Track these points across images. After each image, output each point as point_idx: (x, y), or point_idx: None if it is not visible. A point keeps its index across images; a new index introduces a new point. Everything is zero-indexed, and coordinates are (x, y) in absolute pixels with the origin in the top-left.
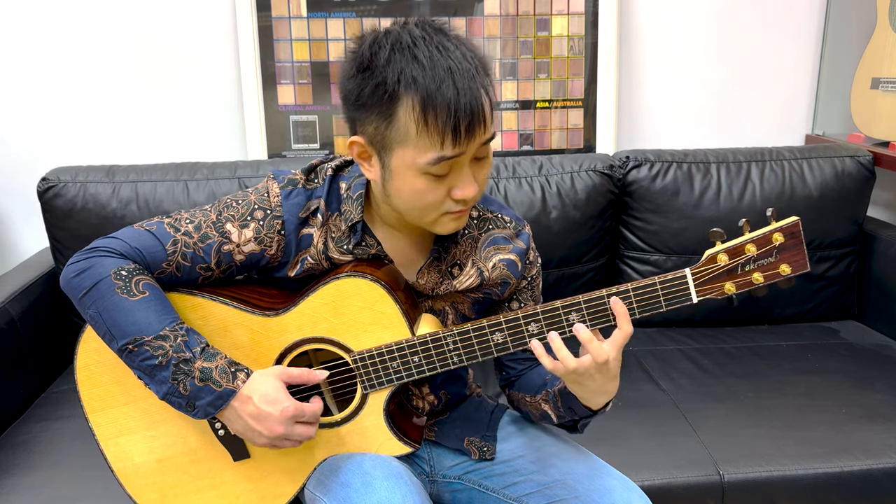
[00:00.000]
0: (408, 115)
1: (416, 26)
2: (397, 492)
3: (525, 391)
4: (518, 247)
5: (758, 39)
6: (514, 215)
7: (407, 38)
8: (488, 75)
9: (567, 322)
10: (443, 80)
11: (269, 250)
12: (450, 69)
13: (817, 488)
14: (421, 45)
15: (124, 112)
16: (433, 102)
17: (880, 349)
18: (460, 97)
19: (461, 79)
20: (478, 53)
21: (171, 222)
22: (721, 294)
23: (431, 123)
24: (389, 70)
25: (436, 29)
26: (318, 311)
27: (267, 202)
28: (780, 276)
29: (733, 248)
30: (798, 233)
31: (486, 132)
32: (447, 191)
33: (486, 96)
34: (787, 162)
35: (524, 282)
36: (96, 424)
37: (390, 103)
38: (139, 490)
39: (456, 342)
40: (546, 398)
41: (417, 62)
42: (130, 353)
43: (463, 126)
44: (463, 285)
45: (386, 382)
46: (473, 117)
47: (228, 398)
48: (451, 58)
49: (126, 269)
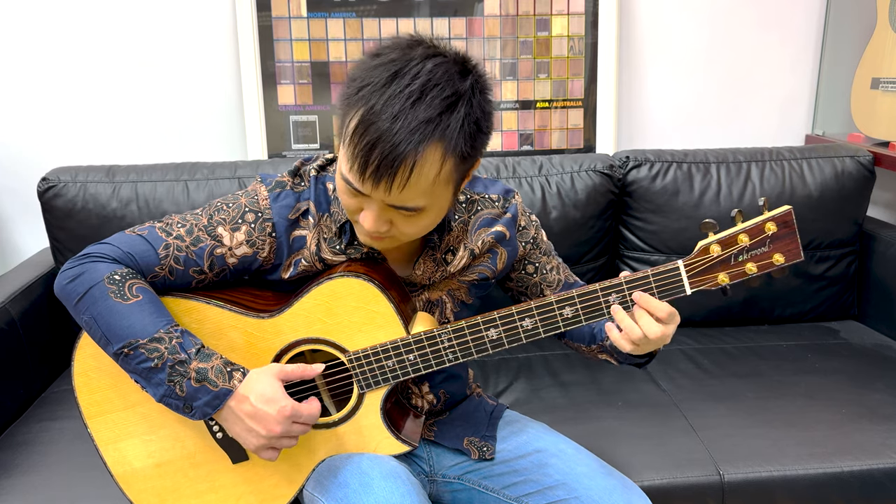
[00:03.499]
0: (351, 122)
1: (447, 59)
2: (396, 492)
3: (577, 341)
4: (506, 218)
5: (758, 39)
6: (501, 190)
7: (410, 64)
8: (450, 154)
9: (561, 317)
10: (386, 122)
11: (262, 253)
12: (398, 117)
13: (817, 488)
14: (408, 77)
15: (124, 112)
16: (365, 126)
17: (880, 349)
18: (386, 140)
19: (406, 130)
20: (469, 127)
21: (163, 227)
22: (715, 285)
23: (354, 145)
24: (368, 73)
25: (469, 72)
26: (312, 312)
27: (256, 205)
28: (773, 266)
29: (726, 238)
30: (791, 221)
31: (393, 196)
32: (360, 208)
33: (413, 165)
34: (787, 162)
35: (529, 246)
36: (95, 430)
37: (350, 100)
38: (139, 494)
39: (451, 339)
40: (601, 349)
41: (386, 88)
42: (126, 357)
43: (369, 169)
44: (457, 268)
45: (382, 381)
46: (380, 171)
47: (225, 398)
48: (416, 108)
49: (119, 274)
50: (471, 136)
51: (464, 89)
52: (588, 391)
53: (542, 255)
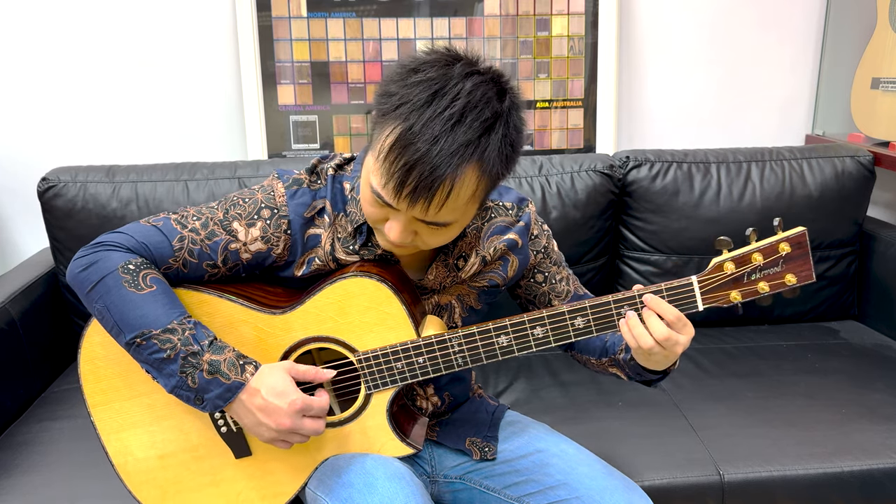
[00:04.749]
0: (385, 137)
1: (484, 79)
2: (400, 492)
3: (588, 354)
4: (519, 227)
5: (758, 39)
6: (515, 198)
7: (449, 83)
8: (485, 174)
9: (572, 326)
10: (425, 143)
11: (276, 249)
12: (438, 139)
13: (817, 488)
14: (448, 98)
15: (124, 112)
16: (403, 146)
17: (880, 349)
18: (419, 165)
19: (445, 153)
20: (506, 149)
21: (178, 218)
22: (727, 302)
23: (388, 162)
24: (408, 91)
25: (505, 93)
26: (324, 311)
27: (273, 201)
28: (785, 286)
29: (740, 256)
30: (804, 243)
31: (430, 213)
32: (385, 218)
33: (451, 187)
34: (787, 162)
35: (539, 255)
36: (99, 419)
37: (387, 115)
38: (140, 486)
39: (461, 344)
40: (612, 363)
41: (427, 107)
42: (138, 347)
43: (406, 188)
44: (468, 274)
45: (390, 383)
46: (418, 191)
47: (237, 391)
48: (455, 132)
49: (133, 264)
50: (506, 158)
51: (502, 111)
52: (588, 391)
53: (552, 265)
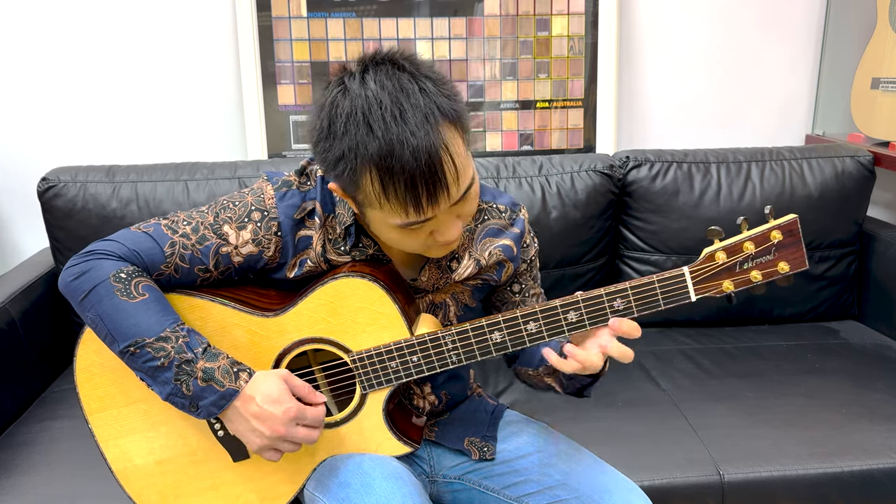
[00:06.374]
0: (370, 187)
1: (375, 74)
2: (397, 492)
3: (526, 365)
4: (513, 233)
5: (758, 39)
6: (509, 202)
7: (362, 101)
8: (453, 121)
9: (565, 321)
10: (400, 152)
11: (267, 252)
12: (404, 140)
13: (817, 488)
14: (375, 109)
15: (124, 112)
16: (391, 175)
17: (880, 349)
18: (417, 167)
19: (419, 146)
20: (442, 91)
21: (169, 224)
22: (720, 292)
23: (392, 196)
24: (346, 142)
25: (397, 68)
26: (316, 312)
27: (263, 204)
28: (778, 274)
29: (731, 246)
30: (796, 230)
31: (454, 193)
32: (428, 234)
33: (448, 153)
34: (787, 162)
35: (523, 265)
36: (96, 426)
37: (353, 174)
38: (139, 491)
39: (455, 342)
40: (547, 372)
41: (373, 133)
42: (132, 356)
43: (424, 197)
44: (462, 276)
45: (385, 382)
46: (434, 186)
47: (231, 398)
48: (408, 122)
49: (125, 272)
50: (449, 97)
51: (408, 77)
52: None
53: (530, 279)
